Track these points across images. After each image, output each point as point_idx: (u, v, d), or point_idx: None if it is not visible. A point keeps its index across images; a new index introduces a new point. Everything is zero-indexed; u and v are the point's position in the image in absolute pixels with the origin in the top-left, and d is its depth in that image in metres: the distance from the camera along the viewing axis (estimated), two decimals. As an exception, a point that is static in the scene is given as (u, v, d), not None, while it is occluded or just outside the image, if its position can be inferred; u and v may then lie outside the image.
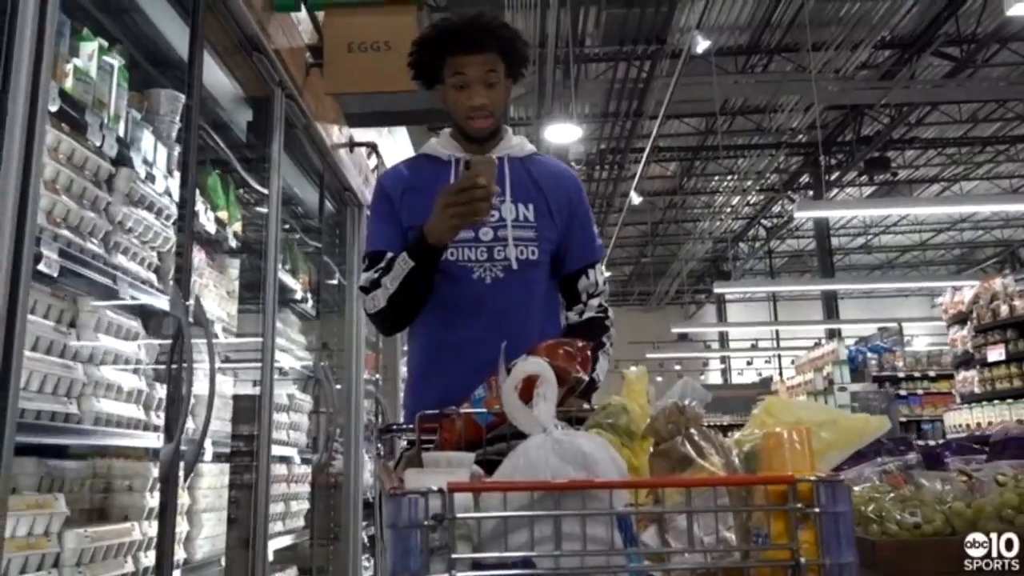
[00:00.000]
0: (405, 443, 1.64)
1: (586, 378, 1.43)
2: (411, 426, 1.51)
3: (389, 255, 1.76)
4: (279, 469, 3.48)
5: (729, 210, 19.48)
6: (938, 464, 1.94)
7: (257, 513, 2.61)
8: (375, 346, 5.30)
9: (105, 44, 2.06)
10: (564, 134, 9.10)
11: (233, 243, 2.90)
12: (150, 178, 2.21)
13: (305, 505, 3.80)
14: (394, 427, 1.62)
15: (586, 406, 1.52)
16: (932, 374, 8.72)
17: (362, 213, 4.23)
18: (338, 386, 4.20)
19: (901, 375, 8.88)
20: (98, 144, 1.95)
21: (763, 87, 13.87)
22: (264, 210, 2.95)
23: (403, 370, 6.51)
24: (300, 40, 3.39)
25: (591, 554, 0.91)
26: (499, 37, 1.77)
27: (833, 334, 18.29)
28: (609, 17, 11.80)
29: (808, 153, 16.64)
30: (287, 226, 3.56)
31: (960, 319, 6.76)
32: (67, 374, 1.84)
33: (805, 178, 18.04)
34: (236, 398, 2.84)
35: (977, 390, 6.32)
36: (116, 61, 2.11)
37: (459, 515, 0.88)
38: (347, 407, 4.16)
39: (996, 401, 6.01)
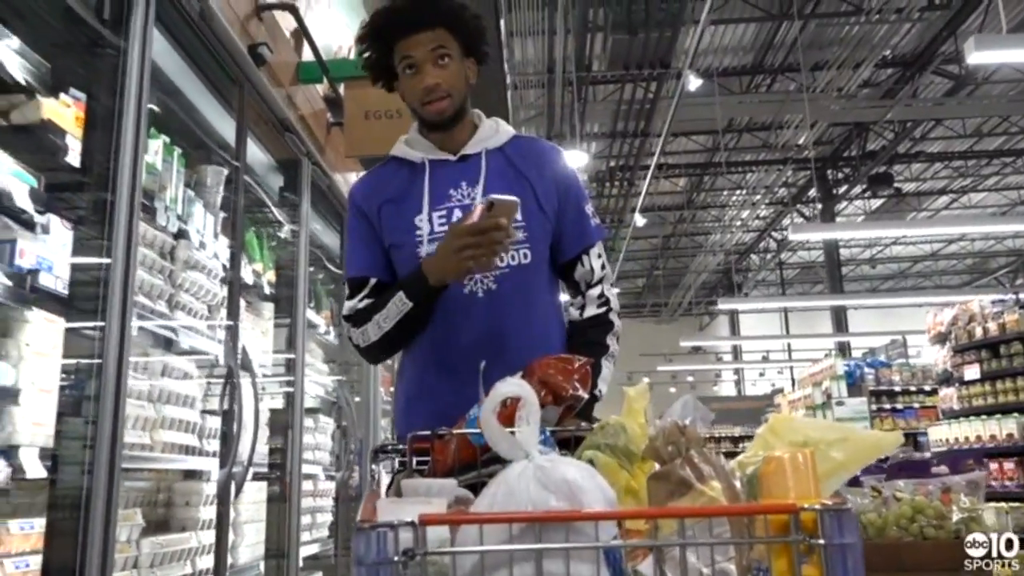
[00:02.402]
0: (397, 465, 1.53)
1: (585, 396, 1.36)
2: (404, 447, 1.42)
3: (372, 281, 1.69)
4: (305, 485, 3.91)
5: (739, 223, 19.85)
6: (855, 482, 2.34)
7: (290, 525, 3.05)
8: (390, 368, 5.74)
9: (168, 140, 2.52)
10: (571, 160, 9.47)
11: (267, 290, 3.35)
12: (202, 245, 2.67)
13: (329, 517, 4.25)
14: (388, 447, 1.50)
15: (584, 424, 1.41)
16: (927, 388, 9.02)
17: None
18: (357, 398, 4.63)
19: (897, 389, 9.20)
20: (164, 224, 2.41)
21: (767, 107, 14.25)
22: (293, 261, 3.40)
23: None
24: (321, 104, 3.85)
25: None
26: (442, 11, 1.65)
27: (842, 347, 18.58)
28: (615, 42, 12.23)
29: (816, 168, 16.99)
30: (311, 268, 4.00)
31: (941, 339, 7.14)
32: (142, 412, 2.29)
33: (813, 191, 18.38)
34: (271, 424, 3.28)
35: (956, 407, 6.67)
36: (176, 150, 2.56)
37: (431, 551, 0.82)
38: (365, 426, 4.60)
39: (972, 417, 6.37)
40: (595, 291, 1.77)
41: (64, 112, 1.98)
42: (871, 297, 24.78)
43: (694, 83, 9.16)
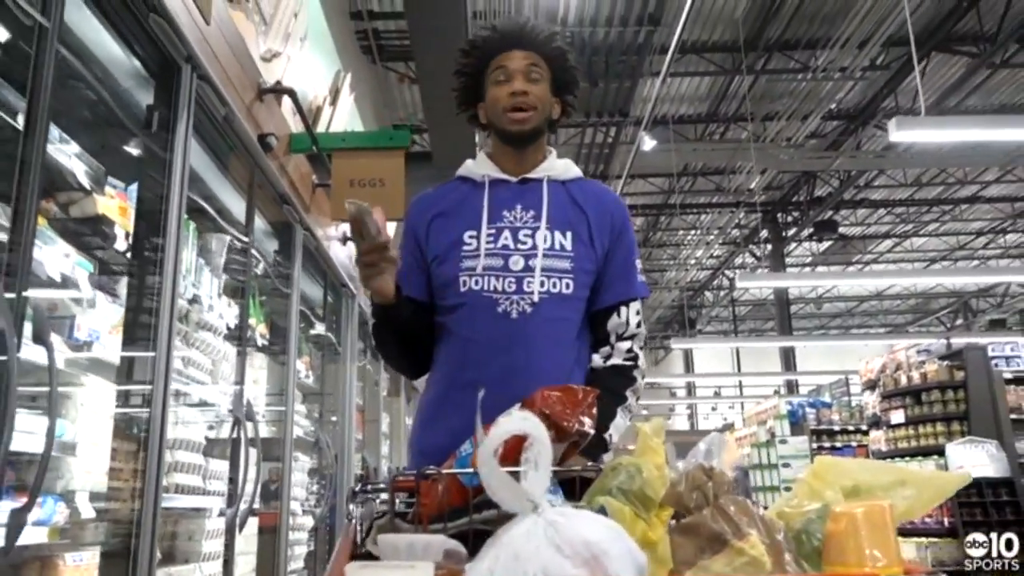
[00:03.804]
0: (378, 505, 1.33)
1: (592, 432, 1.20)
2: (384, 485, 1.27)
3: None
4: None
5: (693, 262, 20.55)
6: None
7: (279, 557, 3.36)
8: (361, 408, 6.07)
9: (185, 216, 2.86)
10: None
11: (260, 341, 3.69)
12: (210, 308, 3.01)
13: (305, 549, 4.55)
14: (367, 487, 1.32)
15: (592, 464, 1.26)
16: (864, 428, 9.55)
17: (354, 302, 5.05)
18: (333, 420, 4.92)
19: (836, 428, 9.76)
20: (181, 291, 2.75)
21: (720, 154, 14.97)
22: (284, 313, 3.75)
23: (384, 426, 7.28)
24: (306, 165, 4.21)
25: None
26: (541, 40, 1.71)
27: (790, 384, 19.30)
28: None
29: (766, 211, 17.78)
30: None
31: (871, 385, 7.73)
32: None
33: (764, 233, 19.17)
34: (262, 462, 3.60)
35: (884, 448, 7.23)
36: (191, 224, 2.91)
37: None
38: (340, 464, 4.92)
39: (898, 459, 6.89)
40: (625, 344, 1.70)
41: (110, 204, 2.33)
42: (817, 339, 25.74)
43: (648, 143, 9.79)
